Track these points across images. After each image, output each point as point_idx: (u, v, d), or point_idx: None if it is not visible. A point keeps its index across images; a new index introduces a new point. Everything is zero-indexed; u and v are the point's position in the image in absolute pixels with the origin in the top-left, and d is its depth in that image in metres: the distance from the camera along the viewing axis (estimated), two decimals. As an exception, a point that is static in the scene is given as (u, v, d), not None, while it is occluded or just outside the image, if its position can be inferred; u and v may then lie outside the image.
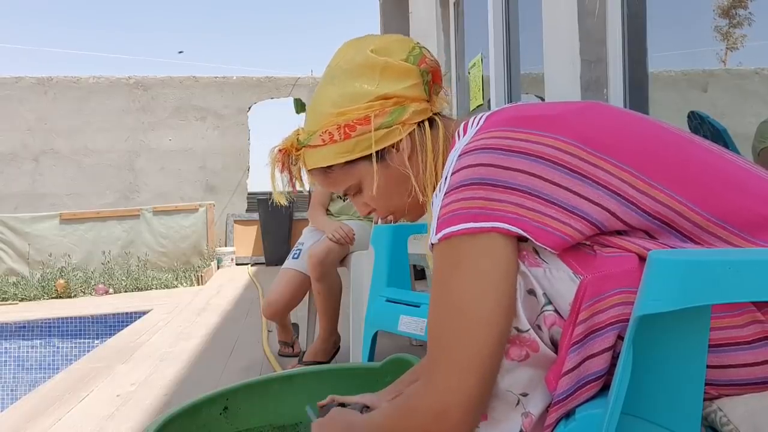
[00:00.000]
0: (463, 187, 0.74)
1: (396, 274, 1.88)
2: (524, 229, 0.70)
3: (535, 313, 0.72)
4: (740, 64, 2.38)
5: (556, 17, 2.45)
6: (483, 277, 0.71)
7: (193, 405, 1.12)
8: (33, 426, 2.17)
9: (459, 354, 0.71)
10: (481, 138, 0.78)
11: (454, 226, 0.72)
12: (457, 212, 0.73)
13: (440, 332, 0.73)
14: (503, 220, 0.71)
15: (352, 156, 0.92)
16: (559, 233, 0.70)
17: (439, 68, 0.97)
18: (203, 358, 3.03)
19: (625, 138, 0.76)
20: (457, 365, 0.71)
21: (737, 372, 0.67)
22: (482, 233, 0.71)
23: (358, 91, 0.92)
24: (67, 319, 4.85)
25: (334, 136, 0.92)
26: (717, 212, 0.71)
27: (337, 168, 0.94)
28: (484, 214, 0.71)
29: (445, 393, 0.71)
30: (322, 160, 0.94)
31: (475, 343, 0.70)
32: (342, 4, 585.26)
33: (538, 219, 0.71)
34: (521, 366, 0.72)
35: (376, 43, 0.95)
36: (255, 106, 8.20)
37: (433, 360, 0.73)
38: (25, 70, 68.28)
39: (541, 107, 0.82)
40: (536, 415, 0.73)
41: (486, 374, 0.71)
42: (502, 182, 0.72)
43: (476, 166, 0.74)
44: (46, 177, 7.72)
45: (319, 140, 0.93)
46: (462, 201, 0.73)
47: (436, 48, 4.62)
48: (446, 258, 0.74)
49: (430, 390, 0.73)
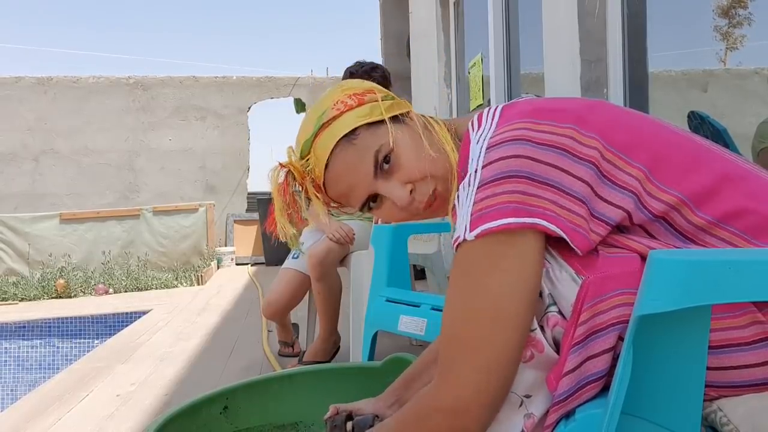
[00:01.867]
0: (499, 180, 0.70)
1: (396, 274, 1.88)
2: (561, 228, 0.69)
3: (540, 314, 0.71)
4: (740, 64, 2.38)
5: (556, 17, 2.45)
6: (520, 278, 0.69)
7: (193, 405, 1.12)
8: (33, 426, 2.17)
9: (486, 354, 0.69)
10: (509, 129, 0.75)
11: (493, 222, 0.69)
12: (497, 207, 0.69)
13: (465, 331, 0.70)
14: (543, 217, 0.68)
15: (371, 118, 0.90)
16: (588, 234, 0.70)
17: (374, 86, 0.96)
18: (203, 358, 3.03)
19: (634, 136, 0.76)
20: (480, 365, 0.69)
21: (738, 373, 0.67)
22: (522, 229, 0.69)
23: (351, 83, 0.96)
24: (67, 319, 4.85)
25: (348, 103, 0.91)
26: (718, 213, 0.71)
27: (362, 131, 0.89)
28: (524, 209, 0.68)
29: (467, 391, 0.69)
30: (344, 127, 0.89)
31: (506, 344, 0.68)
32: (342, 4, 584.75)
33: (571, 219, 0.69)
34: (526, 367, 0.71)
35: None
36: (255, 106, 8.19)
37: (451, 358, 0.71)
38: (25, 70, 68.29)
39: (557, 101, 0.80)
40: (538, 416, 0.72)
41: (509, 375, 0.70)
42: (537, 176, 0.70)
43: (509, 158, 0.71)
44: (46, 177, 7.71)
45: (333, 112, 0.90)
46: (500, 195, 0.70)
47: (436, 48, 4.61)
48: (481, 256, 0.70)
49: (449, 389, 0.71)
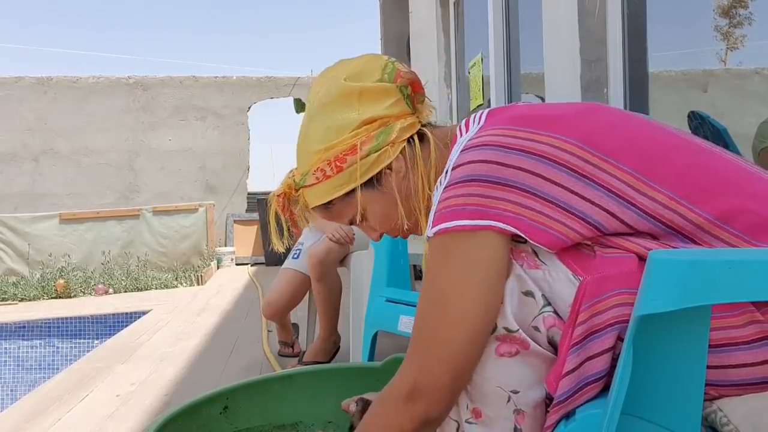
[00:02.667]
0: (462, 183, 0.74)
1: (396, 274, 1.88)
2: (520, 227, 0.71)
3: (532, 315, 0.72)
4: (740, 63, 2.38)
5: (556, 17, 2.45)
6: (468, 275, 0.72)
7: (193, 405, 1.12)
8: (33, 426, 2.17)
9: (434, 344, 0.74)
10: (484, 135, 0.78)
11: (448, 222, 0.73)
12: (453, 208, 0.73)
13: (421, 322, 0.76)
14: (499, 219, 0.71)
15: (348, 187, 0.91)
16: (556, 232, 0.71)
17: (417, 78, 0.96)
18: (203, 358, 3.03)
19: (626, 140, 0.76)
20: (430, 353, 0.74)
21: (737, 372, 0.67)
22: (476, 231, 0.72)
23: (340, 123, 0.91)
24: (67, 319, 4.85)
25: (326, 172, 0.91)
26: (717, 213, 0.71)
27: (337, 201, 0.94)
28: (480, 211, 0.72)
29: (415, 375, 0.74)
30: (320, 197, 0.94)
31: (450, 336, 0.72)
32: (342, 4, 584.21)
33: (535, 218, 0.71)
34: (511, 362, 0.73)
35: (349, 69, 0.94)
36: (255, 106, 8.19)
37: (411, 346, 0.76)
38: (25, 70, 68.23)
39: (543, 107, 0.82)
40: (529, 412, 0.73)
41: (456, 367, 0.73)
42: (502, 180, 0.72)
43: (477, 162, 0.74)
44: (45, 177, 7.71)
45: (313, 179, 0.93)
46: (459, 197, 0.73)
47: (436, 48, 4.61)
48: (437, 252, 0.75)
49: (403, 371, 0.76)
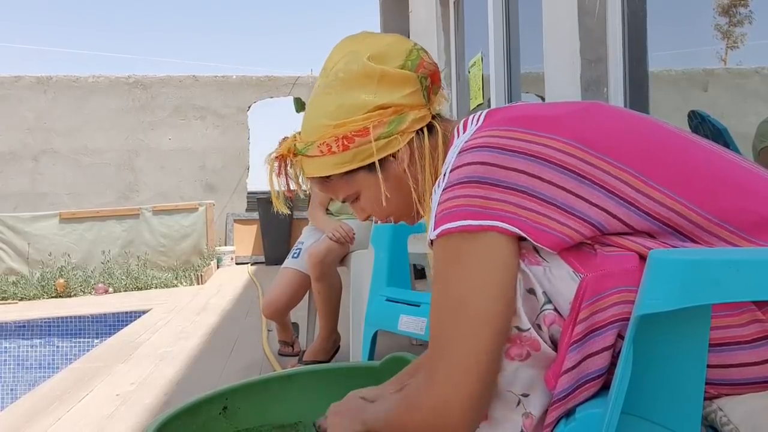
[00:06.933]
0: (461, 184, 0.74)
1: (396, 274, 1.88)
2: (522, 228, 0.71)
3: (535, 312, 0.72)
4: (740, 63, 2.38)
5: (556, 16, 2.45)
6: (481, 275, 0.71)
7: (192, 404, 1.12)
8: (33, 426, 2.17)
9: (457, 351, 0.71)
10: (482, 136, 0.78)
11: (452, 223, 0.72)
12: (455, 209, 0.73)
13: (439, 329, 0.74)
14: (501, 219, 0.71)
15: (350, 166, 0.91)
16: (558, 233, 0.70)
17: (438, 69, 0.96)
18: (203, 357, 3.03)
19: (625, 139, 0.76)
20: (456, 362, 0.71)
21: (738, 371, 0.67)
22: (481, 231, 0.71)
23: (355, 102, 0.90)
24: (67, 319, 4.85)
25: (332, 148, 0.90)
26: (717, 212, 0.71)
27: (335, 177, 0.94)
28: (482, 212, 0.71)
29: (446, 389, 0.71)
30: (320, 169, 0.93)
31: (473, 340, 0.70)
32: (342, 3, 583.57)
33: (536, 219, 0.71)
34: (522, 366, 0.72)
35: (373, 48, 0.92)
36: (255, 106, 8.19)
37: (433, 356, 0.74)
38: (25, 69, 68.28)
39: (541, 107, 0.82)
40: (537, 415, 0.72)
41: (484, 372, 0.71)
42: (501, 182, 0.72)
43: (475, 164, 0.74)
44: (45, 176, 7.71)
45: (316, 151, 0.92)
46: (460, 198, 0.73)
47: (436, 47, 4.62)
48: (445, 254, 0.74)
49: (431, 386, 0.73)
